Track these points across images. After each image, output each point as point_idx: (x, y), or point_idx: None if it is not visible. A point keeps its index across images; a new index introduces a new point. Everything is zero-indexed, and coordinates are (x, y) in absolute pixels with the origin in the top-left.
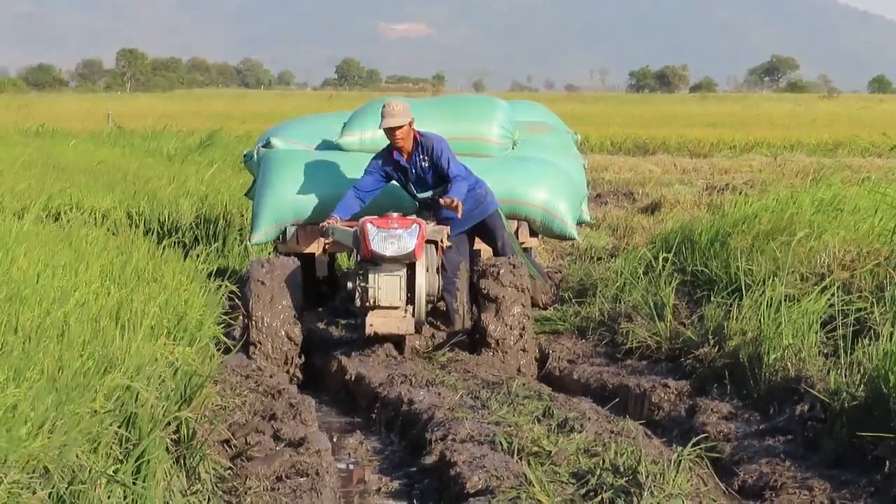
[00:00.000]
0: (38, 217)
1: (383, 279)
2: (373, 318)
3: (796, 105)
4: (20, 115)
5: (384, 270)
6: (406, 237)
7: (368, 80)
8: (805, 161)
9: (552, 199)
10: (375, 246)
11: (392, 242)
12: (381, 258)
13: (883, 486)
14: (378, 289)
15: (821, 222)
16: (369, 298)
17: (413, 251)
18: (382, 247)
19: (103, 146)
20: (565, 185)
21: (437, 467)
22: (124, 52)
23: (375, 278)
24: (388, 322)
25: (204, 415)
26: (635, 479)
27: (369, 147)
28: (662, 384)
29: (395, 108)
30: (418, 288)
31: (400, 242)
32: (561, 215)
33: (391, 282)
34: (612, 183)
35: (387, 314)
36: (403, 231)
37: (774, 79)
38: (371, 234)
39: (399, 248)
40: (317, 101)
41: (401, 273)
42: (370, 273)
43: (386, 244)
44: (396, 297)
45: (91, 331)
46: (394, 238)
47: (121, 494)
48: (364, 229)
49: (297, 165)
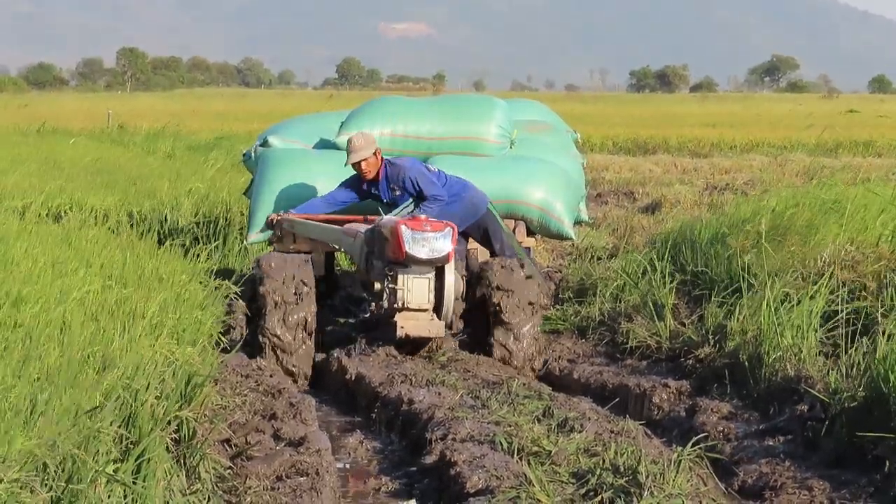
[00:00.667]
0: (39, 216)
1: (413, 281)
2: (403, 320)
3: (796, 104)
4: (21, 115)
5: (414, 272)
6: (440, 240)
7: (369, 79)
8: (805, 161)
9: (549, 198)
10: (410, 248)
11: (426, 245)
12: (417, 261)
13: (883, 486)
14: (408, 290)
15: (821, 222)
16: (398, 300)
17: (447, 254)
18: (417, 249)
19: (104, 145)
20: (563, 185)
21: (438, 467)
22: (125, 51)
23: (405, 280)
24: (420, 325)
25: (204, 414)
26: (635, 479)
27: None
28: (662, 384)
29: (357, 142)
30: (447, 290)
31: (434, 245)
32: (558, 215)
33: (421, 284)
34: (613, 182)
35: (416, 316)
36: (438, 234)
37: (775, 79)
38: (406, 237)
39: (433, 251)
40: (317, 100)
41: (430, 275)
42: (400, 274)
43: (420, 246)
44: (425, 300)
45: (91, 329)
46: (427, 240)
47: (121, 494)
48: (398, 231)
49: (293, 164)
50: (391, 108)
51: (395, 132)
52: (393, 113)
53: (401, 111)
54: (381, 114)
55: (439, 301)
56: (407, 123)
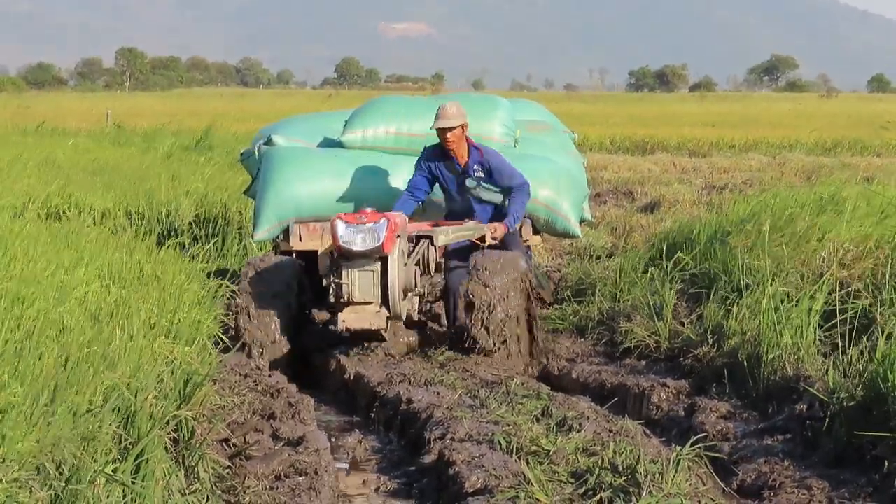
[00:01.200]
0: (38, 216)
1: (356, 274)
2: (345, 314)
3: (796, 104)
4: (20, 114)
5: (357, 266)
6: (375, 231)
7: (368, 79)
8: (804, 160)
9: (556, 196)
10: (343, 241)
11: (361, 237)
12: (350, 253)
13: (882, 486)
14: (351, 284)
15: (820, 222)
16: (343, 294)
17: (381, 245)
18: (351, 241)
19: (102, 145)
20: (568, 183)
21: (436, 466)
22: (123, 51)
23: (349, 274)
24: (361, 317)
25: (203, 414)
26: (634, 479)
27: (371, 144)
28: (661, 383)
29: (448, 110)
30: (390, 282)
31: (368, 236)
32: (564, 213)
33: (364, 277)
34: (612, 182)
35: (361, 310)
36: (373, 225)
37: (774, 78)
38: (340, 230)
39: (368, 243)
40: (316, 100)
41: (374, 268)
42: (343, 269)
43: (355, 238)
44: (370, 293)
45: (90, 330)
46: (363, 232)
47: (120, 493)
48: (333, 225)
49: (299, 162)
50: (395, 106)
51: (399, 130)
52: (396, 112)
53: (404, 110)
54: (385, 112)
55: (385, 293)
56: (411, 122)
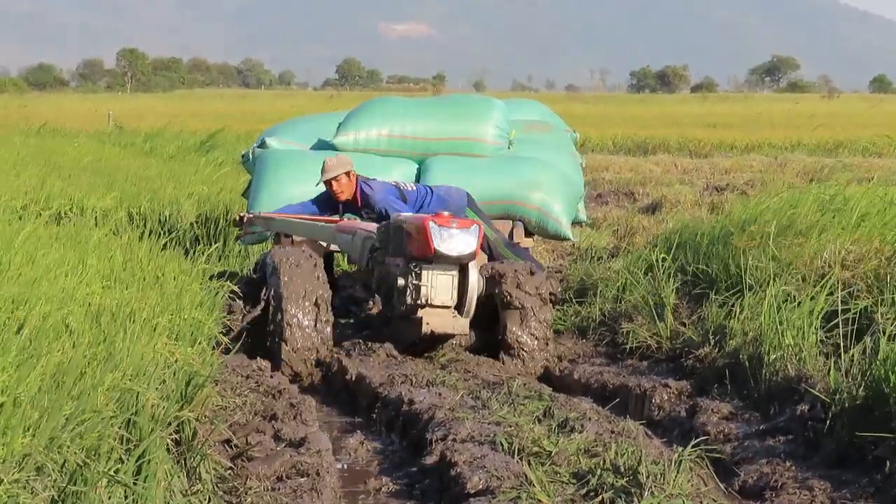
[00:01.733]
0: (39, 216)
1: (438, 278)
2: (429, 317)
3: (798, 105)
4: (21, 115)
5: (438, 269)
6: (467, 237)
7: (369, 80)
8: (806, 161)
9: (547, 199)
10: (438, 244)
11: (453, 241)
12: (445, 258)
13: (883, 487)
14: (431, 287)
15: (822, 222)
16: (421, 297)
17: (473, 251)
18: (445, 246)
19: (104, 146)
20: (561, 185)
21: (438, 467)
22: (125, 52)
23: (430, 276)
24: (444, 321)
25: (204, 415)
26: (636, 480)
27: (364, 146)
28: (663, 384)
29: (329, 162)
30: (471, 288)
31: (461, 242)
32: (556, 215)
33: (445, 281)
34: (613, 183)
35: (439, 313)
36: (465, 231)
37: (775, 79)
38: (434, 232)
39: (461, 248)
40: (317, 100)
41: (454, 272)
42: (424, 271)
43: (448, 243)
44: (448, 297)
45: (91, 331)
46: (454, 237)
47: (121, 495)
48: (426, 227)
49: (290, 165)
50: (388, 108)
51: (392, 133)
52: (390, 113)
53: (398, 112)
54: (379, 114)
55: (461, 299)
56: (404, 124)
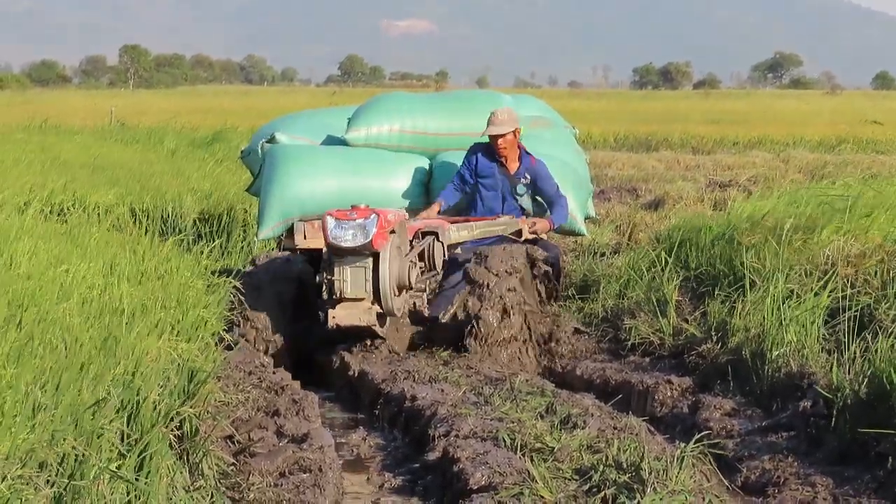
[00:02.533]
0: (41, 212)
1: (348, 271)
2: (336, 311)
3: (801, 101)
4: (23, 112)
5: (348, 262)
6: (365, 227)
7: (372, 76)
8: (809, 157)
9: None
10: (333, 237)
11: (351, 233)
12: (340, 249)
13: (886, 483)
14: (343, 280)
15: (825, 219)
16: (335, 291)
17: (371, 241)
18: (341, 237)
19: (107, 142)
20: (572, 181)
21: (441, 463)
22: (127, 48)
23: (341, 270)
24: (351, 314)
25: (207, 411)
26: (638, 476)
27: (375, 142)
28: (665, 380)
29: (500, 116)
30: (381, 278)
31: (358, 232)
32: (570, 211)
33: (356, 273)
34: (616, 179)
35: (353, 306)
36: (362, 221)
37: (778, 75)
38: (330, 226)
39: (357, 239)
40: (320, 97)
41: (366, 264)
42: (335, 265)
43: (344, 234)
44: (362, 289)
45: (93, 327)
46: (352, 228)
47: (123, 490)
48: (323, 221)
49: (302, 160)
50: (398, 104)
51: (403, 128)
52: (400, 109)
53: (408, 107)
54: (388, 110)
55: (377, 289)
56: (415, 119)
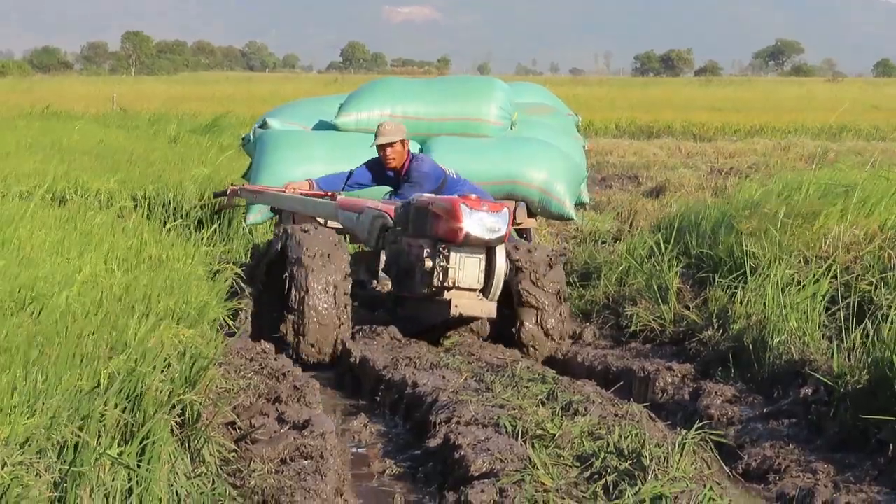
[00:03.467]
0: (43, 199)
1: (466, 260)
2: (458, 299)
3: (802, 88)
4: (25, 98)
5: (466, 252)
6: (497, 220)
7: (373, 63)
8: (810, 145)
9: (550, 179)
10: (468, 227)
11: (483, 224)
12: (476, 240)
13: (886, 469)
14: (459, 269)
15: (825, 205)
16: (449, 279)
17: (503, 235)
18: (475, 228)
19: (108, 129)
20: (564, 166)
21: (442, 450)
22: (129, 35)
23: (458, 259)
24: (472, 304)
25: (208, 397)
26: (639, 462)
27: (365, 127)
28: (666, 367)
29: (386, 127)
30: (498, 271)
31: (492, 225)
32: (559, 196)
33: (473, 263)
34: (617, 166)
35: (470, 296)
36: (495, 214)
37: (779, 62)
38: (465, 215)
39: (492, 231)
40: (321, 84)
41: (481, 255)
42: (453, 253)
43: (478, 226)
44: (475, 280)
45: (96, 313)
46: (484, 220)
47: (125, 477)
48: (457, 208)
49: (291, 145)
50: (390, 89)
51: (394, 113)
52: (392, 94)
53: (400, 92)
54: (381, 95)
55: (488, 282)
56: (406, 104)
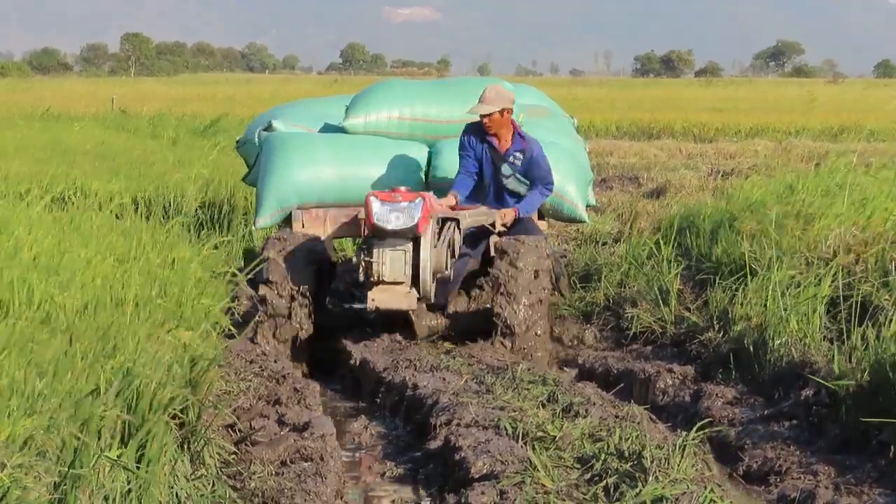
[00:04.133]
0: (42, 200)
1: (387, 254)
2: (375, 293)
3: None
4: (25, 99)
5: (388, 245)
6: (410, 210)
7: (373, 64)
8: (811, 146)
9: (562, 181)
10: (378, 219)
11: (396, 216)
12: (384, 231)
13: (887, 471)
14: (382, 263)
15: (826, 207)
16: (373, 273)
17: (416, 225)
18: (385, 220)
19: (108, 130)
20: (573, 168)
21: (442, 452)
22: (129, 36)
23: (380, 253)
24: (391, 297)
25: (208, 399)
26: (640, 464)
27: (374, 129)
28: (667, 369)
29: (487, 94)
30: (423, 262)
31: (403, 215)
32: (571, 198)
33: (396, 256)
34: (617, 167)
35: (391, 289)
36: (408, 204)
37: (780, 63)
38: (374, 208)
39: (402, 222)
40: (321, 85)
41: (406, 248)
42: (374, 247)
43: (389, 217)
44: (401, 273)
45: (95, 314)
46: (398, 211)
47: (124, 479)
48: (367, 202)
49: (301, 148)
50: (398, 90)
51: (402, 115)
52: (400, 96)
53: (407, 94)
54: (388, 97)
55: (415, 274)
56: (414, 106)
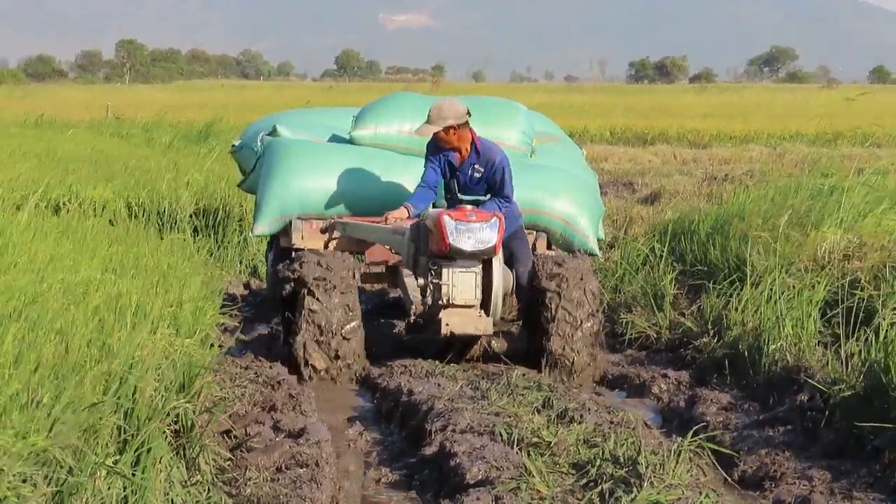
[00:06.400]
0: (37, 207)
1: (459, 276)
2: (449, 317)
3: (796, 95)
4: (20, 106)
5: (459, 266)
6: (486, 230)
7: (368, 71)
8: (805, 151)
9: (574, 211)
10: (454, 240)
11: (471, 236)
12: (460, 253)
13: (882, 476)
14: (453, 286)
15: (820, 212)
16: (443, 296)
17: (494, 246)
18: (461, 241)
19: (103, 137)
20: (587, 198)
21: (437, 458)
22: (124, 42)
23: (450, 274)
24: (466, 321)
25: (204, 406)
26: (635, 470)
27: (382, 141)
28: (662, 374)
29: (433, 113)
30: (495, 285)
31: (480, 236)
32: (582, 229)
33: (467, 279)
34: (612, 173)
35: (462, 313)
36: (483, 224)
37: (774, 69)
38: (449, 228)
39: (479, 242)
40: (316, 91)
41: (476, 269)
42: (444, 269)
43: (465, 238)
44: (472, 295)
45: (90, 322)
46: (472, 232)
47: (120, 486)
48: (441, 222)
49: (305, 155)
50: (409, 104)
51: (413, 130)
52: (411, 110)
53: (419, 109)
54: (399, 110)
55: (487, 297)
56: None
